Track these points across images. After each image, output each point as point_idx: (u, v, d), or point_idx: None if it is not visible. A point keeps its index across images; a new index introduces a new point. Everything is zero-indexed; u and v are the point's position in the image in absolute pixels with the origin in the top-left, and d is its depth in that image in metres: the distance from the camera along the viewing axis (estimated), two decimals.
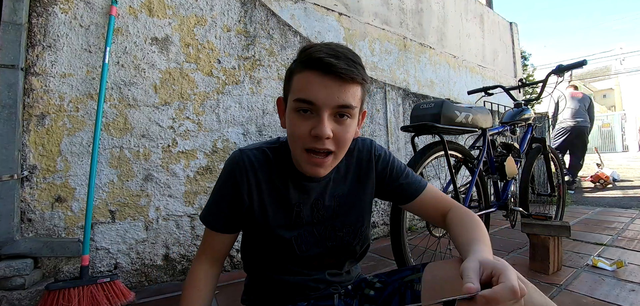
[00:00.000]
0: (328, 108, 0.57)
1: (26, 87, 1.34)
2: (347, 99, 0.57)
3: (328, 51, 0.56)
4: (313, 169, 0.61)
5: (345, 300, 0.75)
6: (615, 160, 8.28)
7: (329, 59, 0.55)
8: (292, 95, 0.59)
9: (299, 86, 0.58)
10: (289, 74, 0.63)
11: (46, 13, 1.37)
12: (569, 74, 1.85)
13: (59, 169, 1.39)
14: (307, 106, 0.57)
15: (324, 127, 0.56)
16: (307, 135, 0.58)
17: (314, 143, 0.58)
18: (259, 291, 0.75)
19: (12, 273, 1.22)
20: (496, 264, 0.43)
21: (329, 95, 0.56)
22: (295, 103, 0.58)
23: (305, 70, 0.58)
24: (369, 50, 2.84)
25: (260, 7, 1.94)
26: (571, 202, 3.58)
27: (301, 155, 0.60)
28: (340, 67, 0.55)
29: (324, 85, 0.56)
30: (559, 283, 1.41)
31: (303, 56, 0.59)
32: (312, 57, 0.57)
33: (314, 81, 0.56)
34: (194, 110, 1.68)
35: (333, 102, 0.56)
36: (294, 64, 0.62)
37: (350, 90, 0.58)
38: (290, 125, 0.61)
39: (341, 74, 0.55)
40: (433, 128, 1.31)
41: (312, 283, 0.72)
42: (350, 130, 0.60)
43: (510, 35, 4.91)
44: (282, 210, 0.69)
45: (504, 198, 1.72)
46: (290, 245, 0.69)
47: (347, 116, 0.59)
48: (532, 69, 11.92)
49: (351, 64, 0.57)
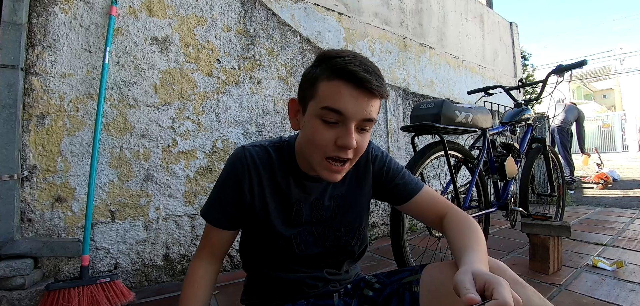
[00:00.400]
0: (355, 121, 0.58)
1: (26, 87, 1.34)
2: (372, 113, 0.59)
3: (360, 65, 0.57)
4: (332, 176, 0.62)
5: (345, 299, 0.75)
6: (615, 160, 8.29)
7: (363, 74, 0.56)
8: (318, 102, 0.58)
9: (328, 95, 0.57)
10: (313, 80, 0.61)
11: (46, 13, 1.37)
12: (569, 73, 1.84)
13: (59, 169, 1.39)
14: (335, 116, 0.57)
15: (351, 138, 0.57)
16: (331, 144, 0.58)
17: (337, 152, 0.59)
18: (258, 290, 0.75)
19: (12, 273, 1.22)
20: (489, 278, 0.43)
21: (359, 109, 0.57)
22: (321, 111, 0.58)
23: (335, 80, 0.57)
24: (369, 50, 2.84)
25: (260, 7, 1.94)
26: (571, 202, 3.58)
27: (321, 162, 0.61)
28: (373, 84, 0.56)
29: (355, 98, 0.56)
30: (559, 283, 1.40)
31: (333, 64, 0.58)
32: (345, 69, 0.56)
33: (345, 93, 0.56)
34: (194, 110, 1.68)
35: (361, 115, 0.57)
36: (319, 70, 0.60)
37: (376, 104, 0.59)
38: (312, 131, 0.60)
39: (373, 90, 0.57)
40: (433, 129, 1.31)
41: (311, 280, 0.72)
42: (367, 139, 0.63)
43: (510, 35, 4.91)
44: (283, 208, 0.70)
45: (504, 198, 1.72)
46: (289, 243, 0.69)
47: (368, 129, 0.61)
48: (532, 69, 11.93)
49: (380, 81, 0.58)
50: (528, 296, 0.52)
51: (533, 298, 0.52)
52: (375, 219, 2.40)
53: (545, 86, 1.89)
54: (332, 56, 0.59)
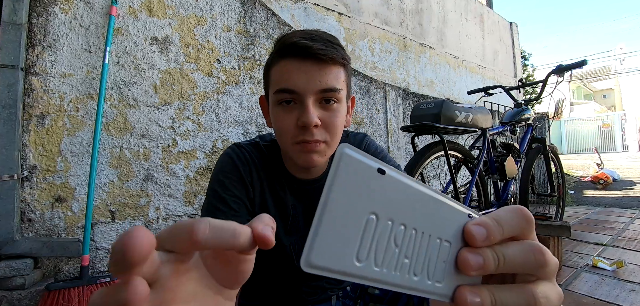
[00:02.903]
0: (311, 94, 0.53)
1: (26, 87, 1.34)
2: (330, 82, 0.53)
3: (302, 35, 0.53)
4: (307, 157, 0.55)
5: (344, 301, 0.74)
6: (615, 160, 8.28)
7: (304, 42, 0.52)
8: (272, 88, 0.56)
9: (278, 77, 0.55)
10: (267, 68, 0.59)
11: (46, 13, 1.37)
12: (569, 73, 1.85)
13: (59, 169, 1.39)
14: (289, 96, 0.53)
15: (310, 114, 0.52)
16: (293, 127, 0.54)
17: (302, 135, 0.54)
18: (254, 295, 0.75)
19: (12, 273, 1.22)
20: None
21: (309, 80, 0.52)
22: (276, 96, 0.55)
23: (281, 59, 0.54)
24: (369, 50, 2.84)
25: (260, 7, 1.94)
26: (571, 202, 3.58)
27: (292, 149, 0.56)
28: (317, 48, 0.51)
29: (303, 70, 0.52)
30: (559, 283, 1.41)
31: (278, 46, 0.56)
32: (286, 43, 0.53)
33: (292, 68, 0.53)
34: (194, 110, 1.68)
35: (315, 87, 0.52)
36: (270, 58, 0.58)
37: (332, 71, 0.54)
38: (275, 120, 0.56)
39: (320, 55, 0.52)
40: (433, 129, 1.31)
41: (308, 288, 0.71)
42: (339, 116, 0.56)
43: (510, 35, 4.91)
44: (280, 212, 0.67)
45: (504, 198, 1.72)
46: (287, 252, 0.66)
47: (334, 100, 0.55)
48: (532, 69, 11.94)
49: (329, 44, 0.53)
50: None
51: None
52: None
53: (545, 86, 1.89)
54: (279, 38, 0.56)
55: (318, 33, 0.55)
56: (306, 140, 0.54)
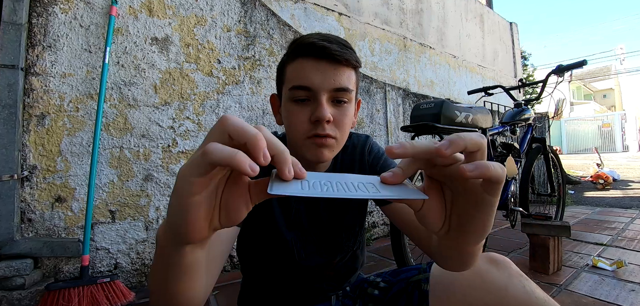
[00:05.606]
0: (325, 92, 0.56)
1: (26, 87, 1.34)
2: (343, 82, 0.57)
3: (319, 37, 0.56)
4: (318, 151, 0.58)
5: (344, 301, 0.74)
6: (615, 160, 8.28)
7: (322, 43, 0.55)
8: (287, 85, 0.58)
9: (293, 75, 0.58)
10: (281, 67, 0.62)
11: (46, 13, 1.37)
12: (569, 73, 1.85)
13: (59, 169, 1.39)
14: (304, 93, 0.56)
15: (324, 110, 0.55)
16: (306, 123, 0.57)
17: (315, 130, 0.56)
18: (254, 295, 0.75)
19: (12, 273, 1.22)
20: None
21: (325, 79, 0.55)
22: (291, 93, 0.57)
23: (298, 58, 0.57)
24: (369, 50, 2.84)
25: (260, 7, 1.94)
26: (571, 202, 3.58)
27: (304, 143, 0.58)
28: (333, 49, 0.55)
29: (319, 69, 0.56)
30: (559, 283, 1.41)
31: (294, 46, 0.59)
32: (304, 43, 0.56)
33: (308, 66, 0.56)
34: (194, 110, 1.68)
35: (330, 85, 0.56)
36: (285, 57, 0.61)
37: (345, 72, 0.57)
38: (288, 116, 0.59)
39: (335, 56, 0.55)
40: (433, 129, 1.31)
41: (308, 289, 0.71)
42: (348, 115, 0.59)
43: (510, 35, 4.91)
44: (282, 206, 0.68)
45: (504, 198, 1.72)
46: (289, 247, 0.67)
47: (345, 100, 0.58)
48: (532, 69, 11.93)
49: (344, 47, 0.57)
50: (532, 288, 0.53)
51: (536, 291, 0.53)
52: (375, 219, 2.40)
53: (545, 86, 1.89)
54: (295, 40, 0.59)
55: (333, 36, 0.58)
56: (318, 134, 0.57)
